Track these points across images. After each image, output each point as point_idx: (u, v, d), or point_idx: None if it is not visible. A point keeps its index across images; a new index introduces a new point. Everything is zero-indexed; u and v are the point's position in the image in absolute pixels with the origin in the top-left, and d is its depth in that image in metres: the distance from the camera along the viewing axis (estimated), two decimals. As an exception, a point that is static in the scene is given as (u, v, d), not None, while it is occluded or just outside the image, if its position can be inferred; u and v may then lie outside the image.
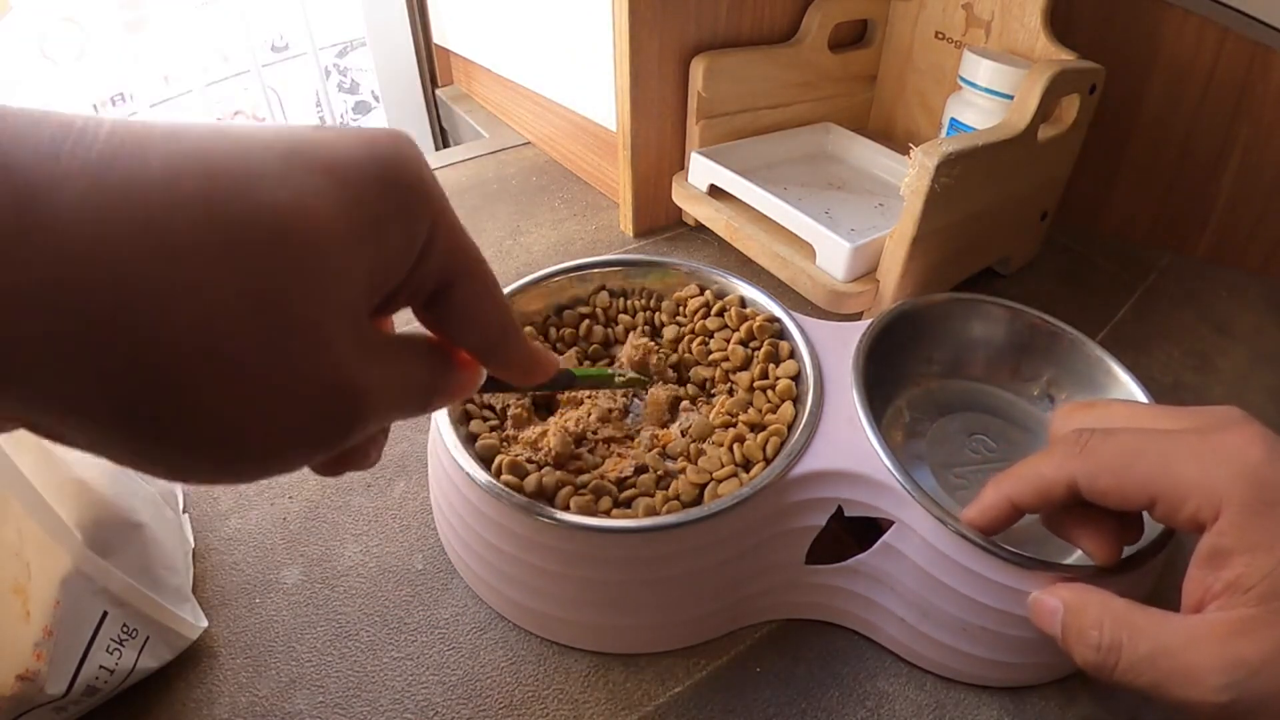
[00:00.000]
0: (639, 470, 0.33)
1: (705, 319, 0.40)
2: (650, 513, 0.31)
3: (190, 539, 0.36)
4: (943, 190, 0.42)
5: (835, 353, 0.37)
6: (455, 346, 0.21)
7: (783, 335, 0.39)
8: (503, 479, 0.31)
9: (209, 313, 0.14)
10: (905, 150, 0.44)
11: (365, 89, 1.26)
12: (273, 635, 0.33)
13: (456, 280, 0.19)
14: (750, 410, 0.36)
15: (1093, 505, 0.27)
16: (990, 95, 0.50)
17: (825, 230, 0.47)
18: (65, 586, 0.25)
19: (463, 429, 0.34)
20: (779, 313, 0.39)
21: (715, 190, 0.55)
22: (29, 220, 0.13)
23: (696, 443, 0.35)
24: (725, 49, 0.54)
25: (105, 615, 0.27)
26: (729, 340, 0.39)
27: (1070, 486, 0.26)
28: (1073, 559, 0.34)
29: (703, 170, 0.55)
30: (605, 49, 0.52)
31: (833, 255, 0.47)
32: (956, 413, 0.41)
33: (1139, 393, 0.37)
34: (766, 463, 0.32)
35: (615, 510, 0.31)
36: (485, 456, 0.33)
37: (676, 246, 0.58)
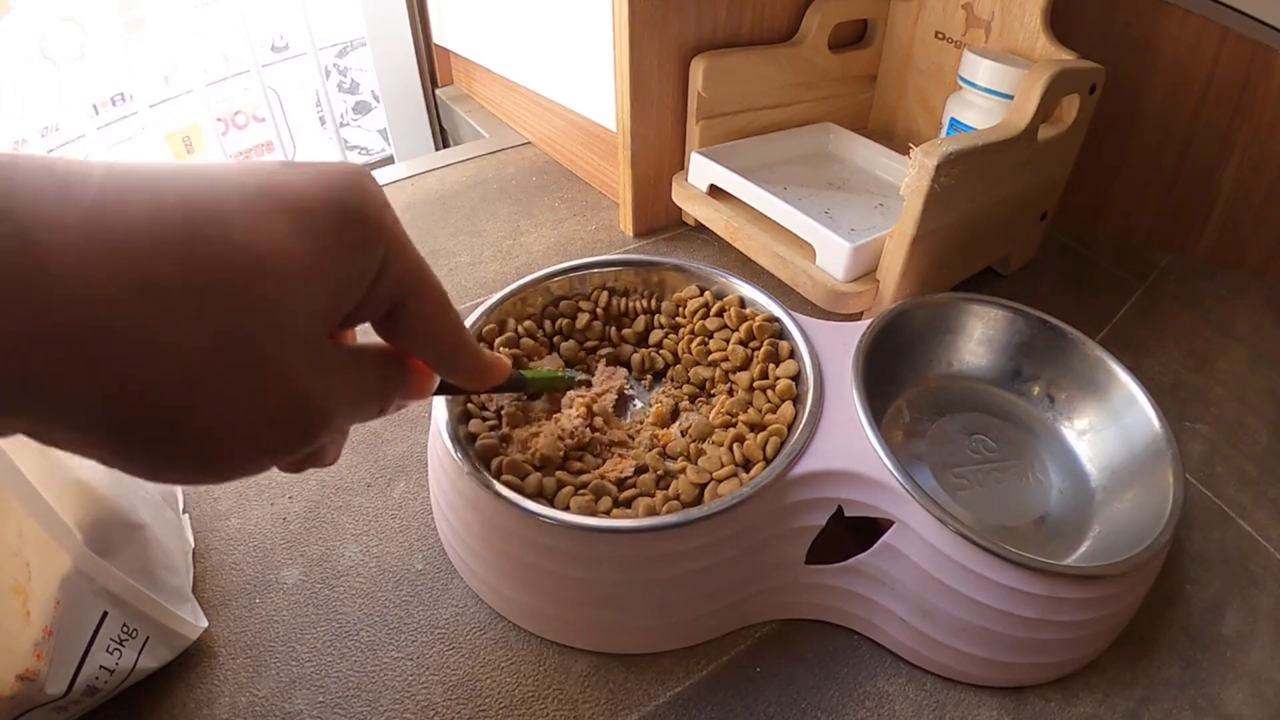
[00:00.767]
0: (639, 470, 0.33)
1: (705, 319, 0.40)
2: (650, 513, 0.31)
3: (190, 539, 0.36)
4: (943, 190, 0.42)
5: (835, 353, 0.37)
6: (410, 357, 0.23)
7: (782, 335, 0.39)
8: (503, 479, 0.31)
9: (187, 348, 0.16)
10: (905, 150, 0.44)
11: (365, 89, 1.26)
12: (272, 635, 0.33)
13: (409, 299, 0.21)
14: (750, 410, 0.36)
15: None
16: (990, 95, 0.50)
17: (825, 230, 0.47)
18: (65, 586, 0.25)
19: (462, 429, 0.34)
20: (779, 313, 0.39)
21: (715, 190, 0.55)
22: (32, 266, 0.14)
23: (696, 443, 0.35)
24: (725, 49, 0.54)
25: (105, 615, 0.27)
26: (729, 340, 0.39)
27: None
28: (1073, 559, 0.34)
29: (703, 170, 0.55)
30: (605, 49, 0.52)
31: (833, 255, 0.47)
32: (956, 413, 0.41)
33: (1139, 393, 0.37)
34: (766, 463, 0.32)
35: (615, 510, 0.31)
36: (485, 456, 0.33)
37: (676, 246, 0.58)
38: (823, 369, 0.36)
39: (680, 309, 0.41)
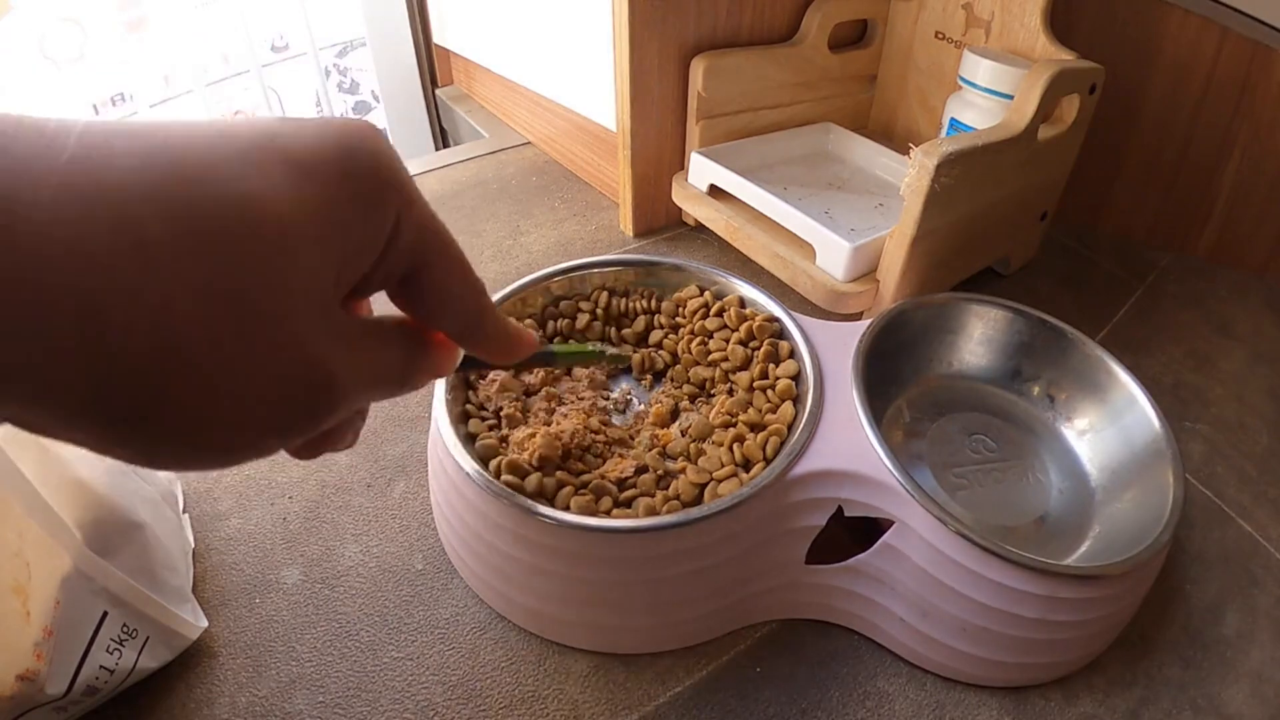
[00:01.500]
0: (639, 470, 0.33)
1: (705, 319, 0.40)
2: (650, 513, 0.31)
3: (190, 539, 0.36)
4: (943, 190, 0.42)
5: (835, 353, 0.37)
6: (431, 328, 0.21)
7: (782, 335, 0.39)
8: (503, 479, 0.31)
9: (176, 309, 0.14)
10: (905, 150, 0.44)
11: (365, 89, 1.26)
12: (272, 635, 0.33)
13: (427, 263, 0.19)
14: (750, 410, 0.36)
15: None
16: (990, 95, 0.50)
17: (825, 230, 0.47)
18: (65, 586, 0.25)
19: (462, 429, 0.34)
20: (779, 313, 0.39)
21: (715, 190, 0.55)
22: (5, 226, 0.13)
23: (696, 443, 0.35)
24: (725, 49, 0.54)
25: (105, 615, 0.27)
26: (729, 340, 0.39)
27: None
28: (1073, 559, 0.34)
29: (703, 170, 0.55)
30: (605, 49, 0.52)
31: (833, 255, 0.47)
32: (956, 413, 0.41)
33: (1139, 393, 0.37)
34: (766, 463, 0.32)
35: (615, 510, 0.31)
36: (485, 456, 0.33)
37: (676, 246, 0.58)
38: (823, 369, 0.36)
39: (680, 309, 0.41)
